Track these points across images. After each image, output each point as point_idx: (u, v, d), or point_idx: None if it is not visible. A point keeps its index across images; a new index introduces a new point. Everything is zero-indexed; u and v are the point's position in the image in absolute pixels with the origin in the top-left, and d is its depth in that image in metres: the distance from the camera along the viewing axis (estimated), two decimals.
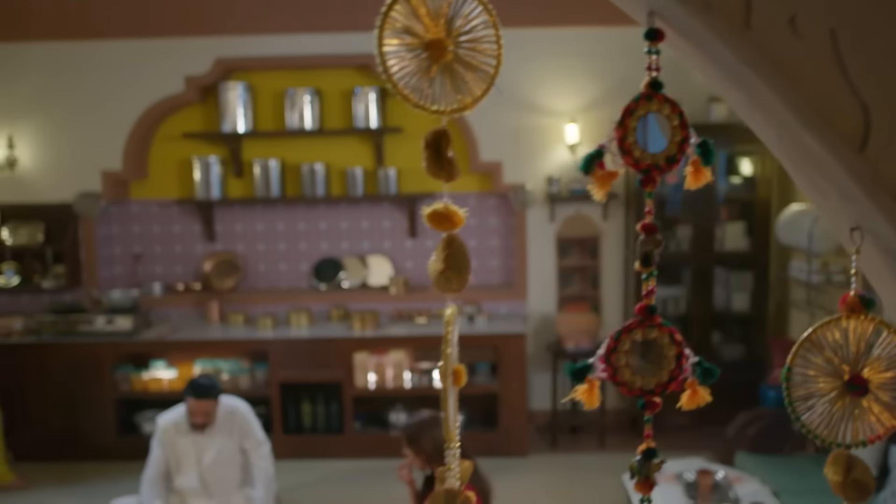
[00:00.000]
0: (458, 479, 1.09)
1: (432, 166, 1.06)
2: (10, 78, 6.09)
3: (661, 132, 1.07)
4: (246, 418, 4.46)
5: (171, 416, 4.41)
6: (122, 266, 6.46)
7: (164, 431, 4.35)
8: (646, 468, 1.12)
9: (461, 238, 1.09)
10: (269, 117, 6.24)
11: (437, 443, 3.60)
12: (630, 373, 1.08)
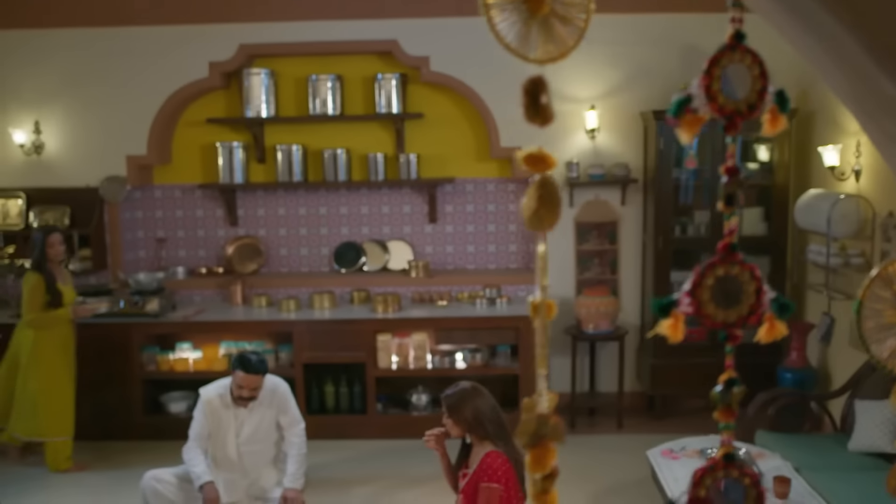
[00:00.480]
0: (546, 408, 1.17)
1: (529, 111, 1.14)
2: (36, 64, 6.18)
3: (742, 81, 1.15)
4: (285, 396, 4.56)
5: (214, 389, 4.51)
6: (146, 250, 6.55)
7: (207, 402, 4.45)
8: (727, 396, 1.20)
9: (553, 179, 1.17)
10: (291, 103, 6.32)
11: (477, 412, 3.70)
12: (713, 306, 1.15)
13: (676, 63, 5.93)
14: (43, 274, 5.16)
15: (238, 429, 4.47)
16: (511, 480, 3.67)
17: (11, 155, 6.26)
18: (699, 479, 1.23)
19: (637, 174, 6.06)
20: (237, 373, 4.33)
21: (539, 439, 1.13)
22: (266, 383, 4.46)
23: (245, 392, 4.35)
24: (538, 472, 1.15)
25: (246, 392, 4.35)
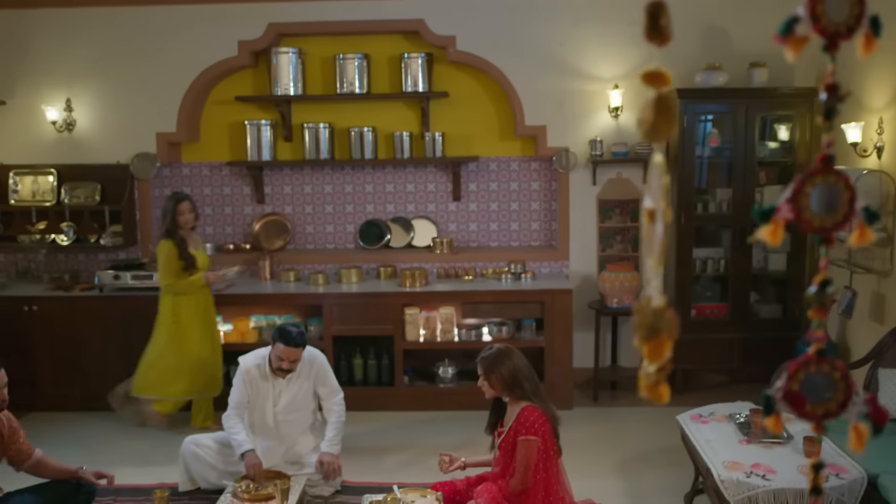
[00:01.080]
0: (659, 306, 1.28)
1: (649, 32, 1.24)
2: (68, 42, 6.27)
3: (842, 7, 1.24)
4: (324, 366, 4.68)
5: (252, 359, 4.63)
6: None
7: (246, 371, 4.57)
8: (821, 296, 1.30)
9: (669, 94, 1.27)
10: (318, 82, 6.42)
11: (514, 371, 3.83)
12: (811, 213, 1.26)
13: (698, 43, 6.04)
14: (175, 240, 5.26)
15: (276, 398, 4.59)
16: (547, 433, 3.81)
17: (44, 132, 6.36)
18: (793, 374, 1.33)
19: None
20: (278, 345, 4.45)
21: (655, 332, 1.24)
22: (304, 355, 4.57)
23: (285, 364, 4.47)
24: (653, 364, 1.25)
25: (286, 364, 4.47)
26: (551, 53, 6.16)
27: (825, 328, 1.38)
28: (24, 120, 6.37)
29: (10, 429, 3.84)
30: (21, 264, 6.44)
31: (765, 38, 5.90)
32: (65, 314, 5.84)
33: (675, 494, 4.43)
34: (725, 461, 3.68)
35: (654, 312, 1.24)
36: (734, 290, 5.98)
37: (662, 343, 1.24)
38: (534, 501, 3.78)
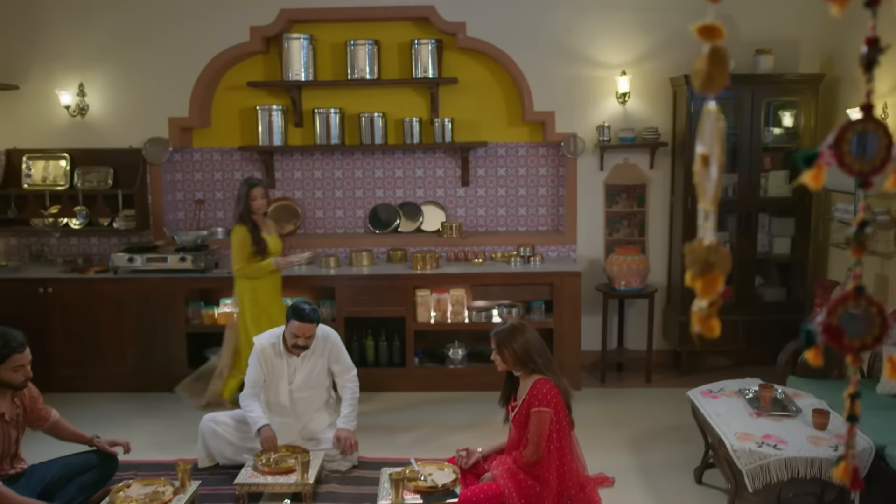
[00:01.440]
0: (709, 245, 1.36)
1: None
2: (81, 27, 6.33)
3: None
4: (337, 344, 4.76)
5: (267, 338, 4.71)
6: (185, 211, 6.72)
7: (262, 350, 4.66)
8: (860, 236, 1.39)
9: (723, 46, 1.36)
10: (329, 68, 6.49)
11: (527, 345, 3.92)
12: (852, 158, 1.35)
13: None
14: (248, 226, 5.26)
15: (291, 376, 4.67)
16: (560, 405, 3.90)
17: (57, 117, 6.42)
18: (833, 309, 1.42)
19: (666, 138, 6.26)
20: (292, 322, 4.54)
21: (708, 267, 1.33)
22: (318, 333, 4.66)
23: (300, 341, 4.55)
24: (706, 298, 1.34)
25: (301, 340, 4.56)
26: (560, 40, 6.24)
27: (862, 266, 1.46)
28: (37, 105, 6.43)
29: (30, 398, 3.93)
30: (34, 248, 6.50)
31: (770, 26, 6.04)
32: (79, 296, 5.91)
33: (685, 470, 4.53)
34: (737, 432, 3.78)
35: (708, 248, 1.32)
36: (739, 273, 6.08)
37: (716, 278, 1.33)
38: (548, 471, 3.87)
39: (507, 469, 3.92)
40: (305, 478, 4.13)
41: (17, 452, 3.88)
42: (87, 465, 4.11)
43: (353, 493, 4.27)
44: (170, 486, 3.99)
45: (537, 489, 3.85)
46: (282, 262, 5.38)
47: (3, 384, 3.70)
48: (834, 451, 3.59)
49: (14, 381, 3.70)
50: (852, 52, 5.64)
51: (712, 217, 1.39)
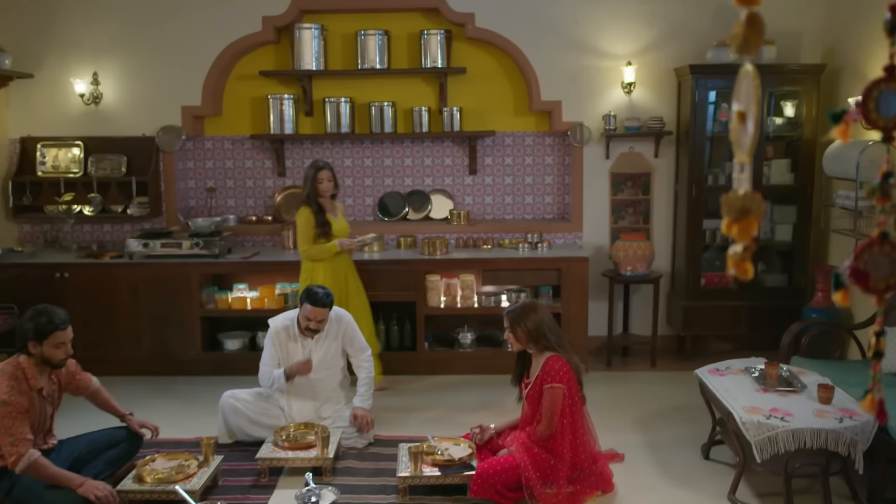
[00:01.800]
0: None
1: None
2: (95, 16, 6.43)
3: None
4: (350, 325, 4.88)
5: (281, 321, 4.83)
6: (197, 199, 6.82)
7: (276, 333, 4.78)
8: (886, 186, 1.51)
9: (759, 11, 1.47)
10: (339, 58, 6.59)
11: (539, 323, 4.04)
12: (877, 115, 1.47)
13: (709, 22, 6.26)
14: (313, 208, 5.33)
15: (306, 358, 4.78)
16: (572, 381, 4.03)
17: (71, 105, 6.52)
18: (859, 254, 1.54)
19: (670, 128, 6.38)
20: (305, 306, 4.65)
21: (744, 213, 1.45)
22: (331, 315, 4.78)
23: (312, 324, 4.67)
24: (742, 242, 1.46)
25: (313, 324, 4.67)
26: (567, 31, 6.36)
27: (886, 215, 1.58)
28: (51, 93, 6.52)
29: (67, 374, 4.04)
30: (49, 234, 6.59)
31: (773, 17, 6.16)
32: (95, 281, 6.01)
33: (692, 446, 4.66)
34: (745, 406, 3.91)
35: (744, 196, 1.45)
36: None
37: (751, 223, 1.45)
38: (561, 445, 4.00)
39: (522, 443, 4.04)
40: (325, 452, 4.25)
41: (50, 428, 3.99)
42: (113, 441, 4.23)
43: (371, 468, 4.39)
44: (194, 460, 4.10)
45: (552, 462, 3.97)
46: (346, 242, 5.38)
47: (44, 360, 3.81)
48: (839, 422, 3.72)
49: (55, 358, 3.83)
50: (853, 43, 5.78)
51: (747, 169, 1.52)
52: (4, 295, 5.94)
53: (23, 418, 3.68)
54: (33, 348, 3.78)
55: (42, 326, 3.76)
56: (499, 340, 6.16)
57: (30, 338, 3.76)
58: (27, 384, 3.76)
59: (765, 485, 4.10)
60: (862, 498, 3.92)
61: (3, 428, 3.60)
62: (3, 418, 3.61)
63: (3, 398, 3.63)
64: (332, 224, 5.39)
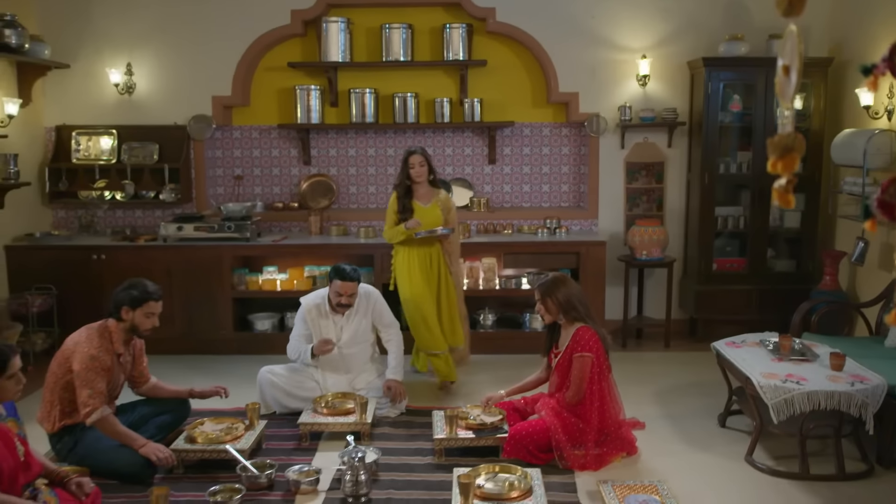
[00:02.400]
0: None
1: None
2: (129, 9, 6.67)
3: None
4: (379, 301, 5.12)
5: (312, 298, 5.08)
6: (224, 187, 7.06)
7: (307, 310, 5.02)
8: None
9: None
10: (364, 51, 6.84)
11: (569, 295, 4.29)
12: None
13: (721, 17, 6.52)
14: (399, 191, 5.36)
15: (338, 334, 5.03)
16: (600, 351, 4.28)
17: (106, 94, 6.76)
18: (886, 188, 1.78)
19: (683, 118, 6.64)
20: (335, 282, 4.90)
21: (787, 151, 1.70)
22: (360, 291, 5.02)
23: (343, 299, 4.91)
24: (785, 176, 1.71)
25: (344, 299, 4.91)
26: (585, 25, 6.62)
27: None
28: (86, 83, 6.76)
29: (139, 349, 4.31)
30: (84, 219, 6.82)
31: None
32: (131, 262, 6.24)
33: (709, 417, 4.90)
34: (762, 372, 4.15)
35: (788, 136, 1.69)
36: (752, 245, 6.46)
37: (794, 159, 1.70)
38: (590, 410, 4.24)
39: (552, 408, 4.28)
40: (364, 418, 4.49)
41: (117, 395, 4.24)
42: (163, 409, 4.49)
43: (406, 434, 4.63)
44: (241, 424, 4.34)
45: (580, 426, 4.21)
46: (411, 223, 5.30)
47: (132, 327, 4.09)
48: (851, 386, 3.96)
49: (143, 327, 4.12)
50: (860, 37, 6.03)
51: (790, 114, 1.76)
52: (43, 276, 6.19)
53: (104, 375, 3.96)
54: (126, 314, 4.07)
55: (139, 294, 4.07)
56: (519, 322, 6.41)
57: (125, 304, 4.07)
58: (111, 346, 4.04)
59: (780, 448, 4.34)
60: (871, 459, 4.15)
61: (85, 380, 3.87)
62: (88, 371, 3.88)
63: (93, 353, 3.92)
64: (417, 211, 5.34)
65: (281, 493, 3.87)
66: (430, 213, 5.39)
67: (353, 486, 3.74)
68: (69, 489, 3.32)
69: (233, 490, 3.73)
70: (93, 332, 4.06)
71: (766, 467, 4.13)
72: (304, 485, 3.85)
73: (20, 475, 3.16)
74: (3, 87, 6.20)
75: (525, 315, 6.42)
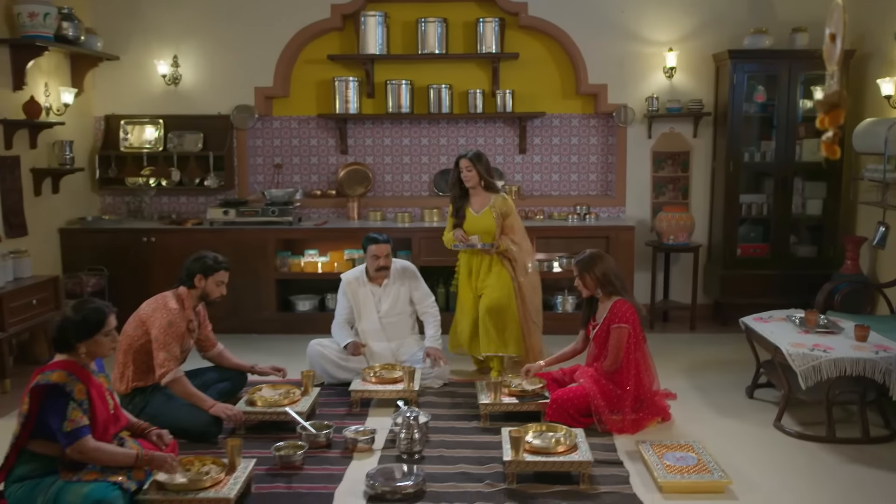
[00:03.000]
0: None
1: None
2: (176, 4, 6.97)
3: None
4: (415, 273, 5.43)
5: (352, 273, 5.40)
6: (264, 175, 7.34)
7: (347, 283, 5.33)
8: None
9: None
10: (400, 44, 7.11)
11: (606, 270, 4.56)
12: None
13: (745, 11, 6.77)
14: (452, 193, 5.47)
15: (377, 304, 5.33)
16: (636, 323, 4.53)
17: (153, 85, 7.06)
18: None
19: (708, 109, 6.88)
20: (369, 247, 5.23)
21: (834, 106, 1.95)
22: (395, 264, 5.32)
23: (381, 261, 5.23)
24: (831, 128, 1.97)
25: (382, 260, 5.23)
26: (613, 19, 6.88)
27: None
28: (134, 74, 7.07)
29: (203, 317, 4.59)
30: (132, 204, 7.12)
31: (805, 6, 6.66)
32: (179, 245, 6.51)
33: (737, 390, 5.15)
34: (790, 342, 4.39)
35: (835, 93, 1.95)
36: (775, 232, 6.70)
37: (839, 113, 1.96)
38: (626, 378, 4.50)
39: (591, 376, 4.54)
40: (411, 385, 4.76)
41: (184, 360, 4.52)
42: (224, 377, 4.79)
43: (450, 402, 4.90)
44: (297, 390, 4.61)
45: (617, 392, 4.47)
46: (458, 234, 5.35)
47: (203, 294, 4.39)
48: (875, 354, 4.20)
49: (213, 294, 4.45)
50: (880, 29, 6.26)
51: (836, 75, 2.02)
52: (95, 258, 6.49)
53: (179, 340, 4.27)
54: (199, 282, 4.39)
55: (211, 263, 4.41)
56: (551, 304, 6.66)
57: (198, 272, 4.40)
58: (185, 313, 4.34)
59: (807, 416, 4.58)
60: (894, 425, 4.39)
61: (163, 343, 4.18)
62: (165, 335, 4.19)
63: (171, 319, 4.23)
64: (468, 219, 5.37)
65: (339, 450, 4.14)
66: (481, 222, 5.35)
67: (409, 443, 4.00)
68: (150, 439, 3.60)
69: (296, 446, 4.00)
70: (169, 299, 4.36)
71: (795, 432, 4.37)
72: (360, 443, 4.12)
73: (111, 426, 3.44)
74: (59, 77, 6.50)
75: (556, 297, 6.67)
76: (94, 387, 3.35)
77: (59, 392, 3.19)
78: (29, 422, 3.22)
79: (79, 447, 3.19)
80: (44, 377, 3.23)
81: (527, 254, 5.48)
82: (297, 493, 3.67)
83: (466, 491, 3.66)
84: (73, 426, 3.18)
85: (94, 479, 3.23)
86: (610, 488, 3.69)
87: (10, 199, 5.85)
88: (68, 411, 3.18)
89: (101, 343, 3.38)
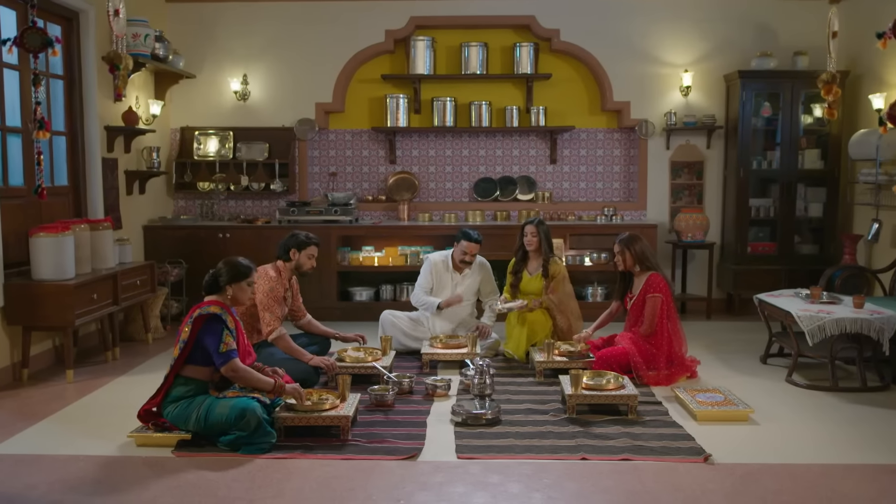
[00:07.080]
0: None
1: None
2: (246, 29, 7.86)
3: None
4: (489, 269, 6.24)
5: (439, 255, 6.22)
6: (320, 182, 8.17)
7: (433, 264, 6.13)
8: None
9: None
10: (444, 65, 8.00)
11: (644, 247, 5.36)
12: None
13: (752, 38, 7.67)
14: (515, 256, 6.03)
15: (454, 288, 6.11)
16: (668, 295, 5.33)
17: (225, 100, 7.93)
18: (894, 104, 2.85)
19: (720, 123, 7.75)
20: (462, 242, 6.00)
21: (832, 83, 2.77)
22: (477, 259, 6.12)
23: (468, 257, 6.03)
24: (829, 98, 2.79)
25: (468, 257, 6.03)
26: (636, 43, 7.78)
27: None
28: (207, 91, 7.93)
29: (295, 289, 5.37)
30: (204, 206, 7.94)
31: (806, 32, 7.55)
32: (251, 240, 7.33)
33: (752, 359, 5.93)
34: (799, 308, 5.19)
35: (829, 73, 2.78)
36: (781, 232, 7.52)
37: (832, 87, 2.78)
38: (660, 341, 5.28)
39: (630, 339, 5.33)
40: (474, 350, 5.53)
41: None
42: (313, 341, 5.54)
43: (506, 367, 5.67)
44: (378, 350, 5.38)
45: (653, 352, 5.25)
46: (501, 300, 5.98)
47: (297, 266, 5.15)
48: (870, 315, 4.99)
49: (305, 266, 5.20)
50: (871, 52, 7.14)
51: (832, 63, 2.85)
52: (174, 252, 7.29)
53: (279, 304, 5.02)
54: (293, 255, 5.15)
55: (304, 239, 5.15)
56: (582, 294, 7.44)
57: (293, 246, 5.15)
58: (283, 282, 5.10)
59: (813, 374, 5.36)
60: (888, 379, 5.16)
61: (267, 306, 4.93)
62: (269, 299, 4.95)
63: (272, 285, 4.99)
64: (524, 279, 5.96)
65: (421, 395, 4.91)
66: (533, 283, 5.95)
67: (482, 386, 4.76)
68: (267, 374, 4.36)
69: (388, 388, 4.77)
70: (269, 270, 5.13)
71: (804, 384, 5.15)
72: (439, 388, 4.89)
73: (247, 358, 4.22)
74: (146, 91, 7.36)
75: (587, 288, 7.47)
76: (236, 322, 4.13)
77: (216, 319, 3.98)
78: (188, 347, 3.99)
79: (231, 366, 3.96)
80: (203, 310, 4.02)
81: (571, 314, 5.91)
82: (394, 421, 4.43)
83: (536, 419, 4.42)
84: (227, 348, 3.96)
85: (236, 396, 4.00)
86: (653, 418, 4.46)
87: (111, 196, 6.67)
88: (223, 336, 3.96)
89: (244, 290, 4.17)
